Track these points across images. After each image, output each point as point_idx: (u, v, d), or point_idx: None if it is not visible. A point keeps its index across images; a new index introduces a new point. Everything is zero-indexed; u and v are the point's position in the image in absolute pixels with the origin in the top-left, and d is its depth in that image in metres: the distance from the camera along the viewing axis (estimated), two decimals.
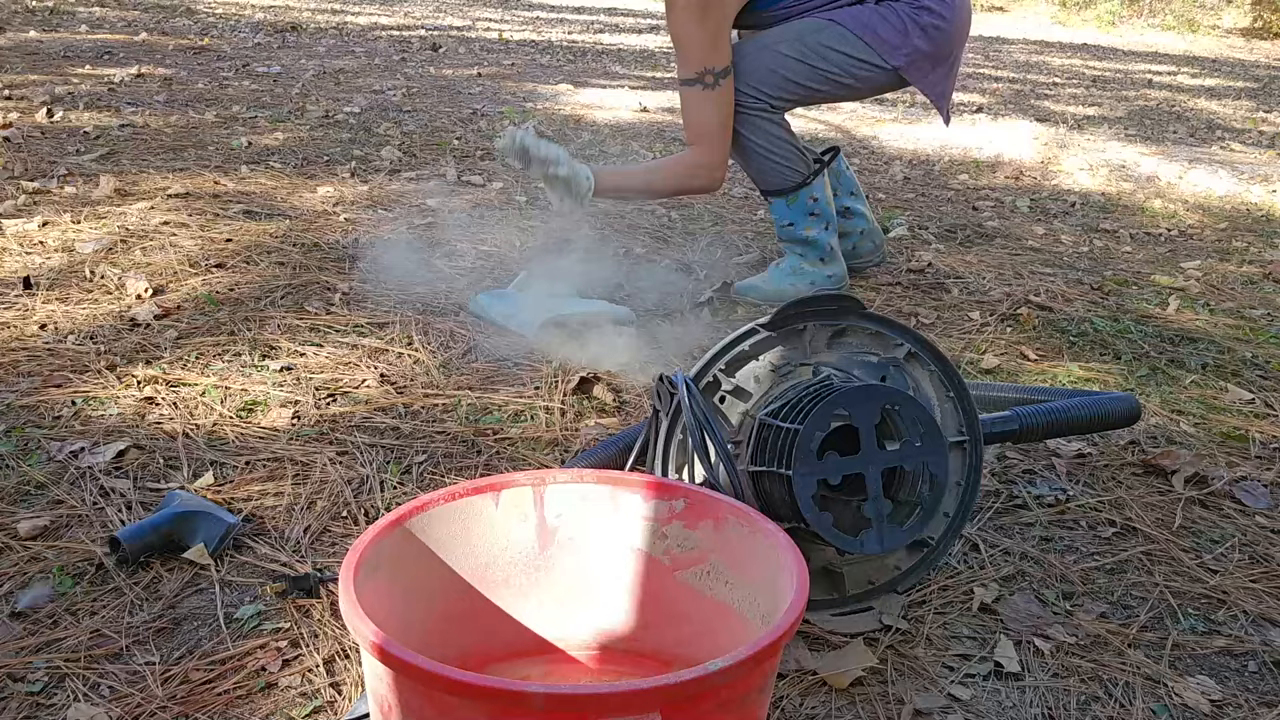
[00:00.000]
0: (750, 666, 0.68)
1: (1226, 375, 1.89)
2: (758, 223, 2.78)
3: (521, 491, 0.92)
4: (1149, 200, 3.44)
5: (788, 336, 1.12)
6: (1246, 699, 1.04)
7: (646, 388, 1.67)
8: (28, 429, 1.42)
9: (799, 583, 0.76)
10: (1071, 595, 1.19)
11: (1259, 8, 12.78)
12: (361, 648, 0.71)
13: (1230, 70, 8.62)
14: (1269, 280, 2.56)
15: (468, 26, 8.16)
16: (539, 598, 0.95)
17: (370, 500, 1.30)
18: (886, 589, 1.14)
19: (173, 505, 1.19)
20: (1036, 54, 9.23)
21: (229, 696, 0.96)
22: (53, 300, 1.88)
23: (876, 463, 1.00)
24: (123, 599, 1.09)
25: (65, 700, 0.95)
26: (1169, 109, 5.93)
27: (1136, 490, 1.44)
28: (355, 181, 2.94)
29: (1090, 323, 2.12)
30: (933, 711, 0.99)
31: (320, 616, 1.08)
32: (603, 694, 0.65)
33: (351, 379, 1.64)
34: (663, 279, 2.23)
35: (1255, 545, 1.32)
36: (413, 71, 5.27)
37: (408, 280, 2.12)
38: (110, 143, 3.18)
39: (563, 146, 1.95)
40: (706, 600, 0.91)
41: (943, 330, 2.04)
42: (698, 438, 1.05)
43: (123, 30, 6.06)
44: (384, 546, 0.82)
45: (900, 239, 2.72)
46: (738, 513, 0.88)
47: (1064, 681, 1.04)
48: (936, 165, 3.84)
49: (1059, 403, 1.31)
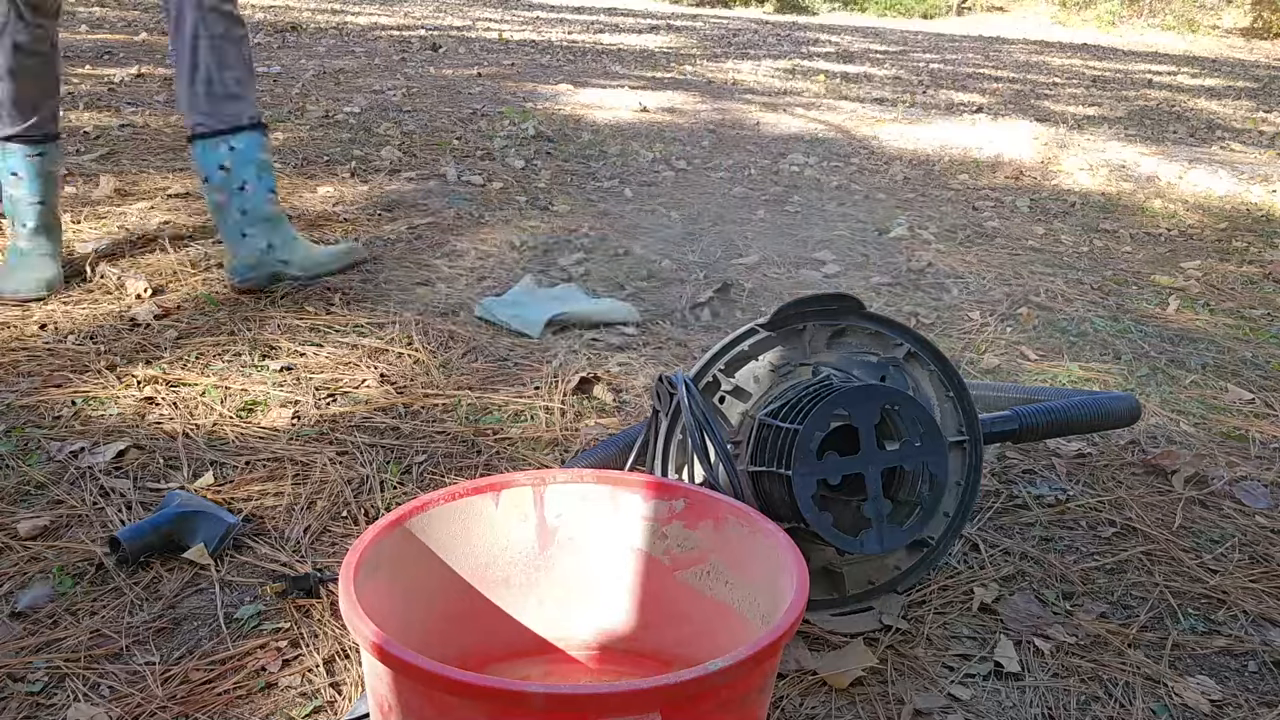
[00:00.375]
0: (750, 666, 0.68)
1: (1226, 375, 1.89)
2: (757, 223, 2.78)
3: (521, 491, 0.92)
4: (1149, 200, 3.44)
5: (787, 336, 1.12)
6: (1246, 699, 1.04)
7: (646, 388, 1.67)
8: (28, 429, 1.42)
9: (799, 583, 0.76)
10: (1071, 595, 1.19)
11: (1259, 8, 12.78)
12: (361, 648, 0.71)
13: (1230, 70, 8.62)
14: (1269, 280, 2.56)
15: (468, 26, 8.16)
16: (539, 598, 0.95)
17: (370, 500, 1.30)
18: (886, 589, 1.14)
19: (173, 505, 1.19)
20: (1036, 54, 9.23)
21: (229, 696, 0.96)
22: (53, 300, 1.88)
23: (876, 463, 1.00)
24: (123, 599, 1.09)
25: (65, 700, 0.95)
26: (1169, 109, 5.94)
27: (1136, 490, 1.44)
28: (355, 181, 2.95)
29: (1090, 323, 2.12)
30: (933, 711, 0.99)
31: (320, 616, 1.08)
32: (603, 694, 0.65)
33: (351, 379, 1.64)
34: (662, 279, 2.23)
35: (1255, 545, 1.32)
36: (413, 71, 5.27)
37: (408, 280, 2.12)
38: (110, 143, 3.18)
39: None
40: (706, 600, 0.91)
41: (943, 330, 2.04)
42: (697, 438, 1.05)
43: (123, 30, 6.06)
44: (384, 546, 0.82)
45: (900, 239, 2.72)
46: (738, 513, 0.88)
47: (1064, 681, 1.04)
48: (936, 165, 3.84)
49: (1059, 402, 1.31)
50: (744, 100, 5.27)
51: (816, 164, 3.71)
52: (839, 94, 5.78)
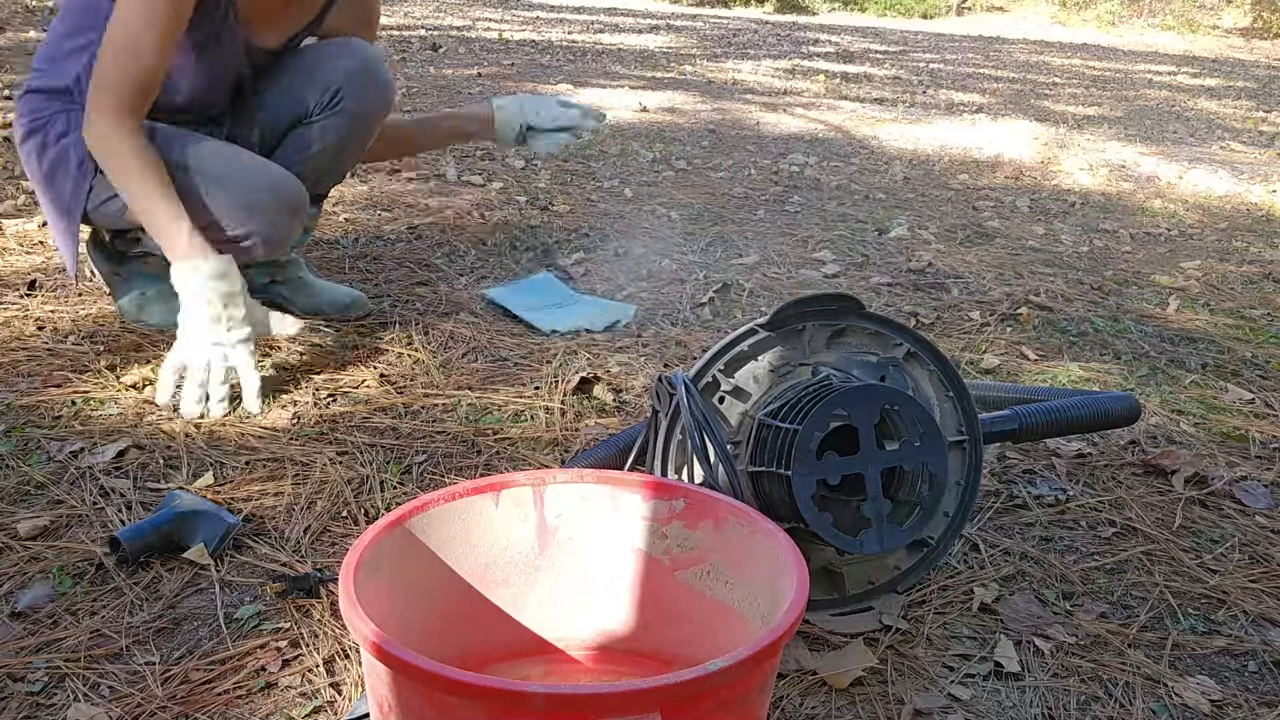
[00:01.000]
0: (750, 666, 0.68)
1: (1226, 375, 1.89)
2: (757, 223, 2.79)
3: (521, 491, 0.92)
4: (1149, 200, 3.44)
5: (787, 336, 1.12)
6: (1246, 699, 1.04)
7: (646, 388, 1.67)
8: (28, 429, 1.42)
9: (799, 583, 0.76)
10: (1071, 595, 1.19)
11: (1259, 8, 12.79)
12: (361, 647, 0.71)
13: (1230, 70, 8.62)
14: (1269, 280, 2.56)
15: (468, 26, 8.16)
16: (539, 598, 0.95)
17: (370, 500, 1.30)
18: (886, 589, 1.14)
19: (173, 505, 1.19)
20: (1036, 54, 9.24)
21: (229, 696, 0.96)
22: (53, 300, 1.88)
23: (876, 463, 1.00)
24: (123, 599, 1.09)
25: (65, 700, 0.95)
26: (1169, 109, 5.94)
27: (1136, 490, 1.44)
28: (355, 181, 2.95)
29: (1090, 323, 2.12)
30: (933, 711, 0.99)
31: (320, 616, 1.08)
32: (603, 694, 0.65)
33: (351, 379, 1.64)
34: (662, 279, 2.23)
35: (1255, 545, 1.32)
36: (413, 71, 5.27)
37: (408, 280, 2.12)
38: None
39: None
40: (706, 600, 0.91)
41: (943, 330, 2.04)
42: (697, 438, 1.05)
43: None
44: (384, 546, 0.82)
45: (900, 239, 2.72)
46: (738, 513, 0.88)
47: (1064, 681, 1.04)
48: (936, 165, 3.84)
49: (1059, 402, 1.31)
50: (744, 100, 5.27)
51: (816, 164, 3.71)
52: (839, 94, 5.78)
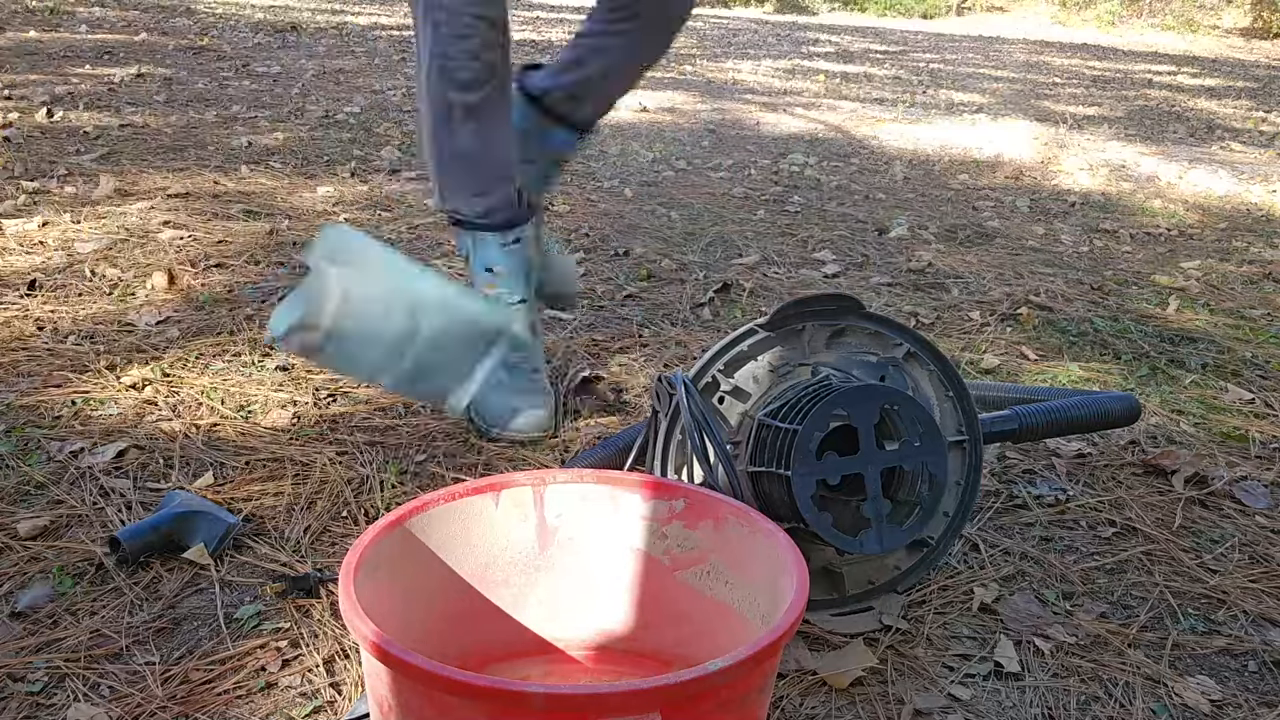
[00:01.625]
0: (750, 666, 0.68)
1: (1226, 375, 1.89)
2: (757, 223, 2.79)
3: (521, 491, 0.92)
4: (1149, 200, 3.44)
5: (786, 337, 1.12)
6: (1246, 699, 1.04)
7: (646, 388, 1.67)
8: (28, 429, 1.42)
9: (799, 583, 0.76)
10: (1071, 595, 1.19)
11: (1259, 8, 12.78)
12: (361, 647, 0.71)
13: (1230, 70, 8.62)
14: (1269, 280, 2.56)
15: None
16: (539, 598, 0.95)
17: (370, 500, 1.30)
18: (886, 589, 1.14)
19: (173, 505, 1.19)
20: (1036, 54, 9.23)
21: (229, 696, 0.96)
22: (53, 300, 1.88)
23: (875, 463, 1.00)
24: (123, 599, 1.09)
25: (65, 700, 0.95)
26: (1169, 109, 5.94)
27: (1136, 490, 1.44)
28: (355, 181, 2.95)
29: (1090, 323, 2.12)
30: (933, 711, 0.99)
31: (320, 616, 1.08)
32: (603, 694, 0.65)
33: (351, 379, 1.64)
34: (662, 279, 2.23)
35: (1255, 545, 1.32)
36: (413, 71, 5.27)
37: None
38: (110, 143, 3.18)
39: None
40: (706, 600, 0.91)
41: (943, 330, 2.04)
42: (696, 439, 1.05)
43: (123, 30, 6.06)
44: (384, 546, 0.82)
45: (900, 239, 2.72)
46: (738, 513, 0.88)
47: (1064, 681, 1.04)
48: (936, 165, 3.84)
49: (1059, 402, 1.31)
50: (744, 100, 5.27)
51: (816, 164, 3.71)
52: (839, 94, 5.78)
